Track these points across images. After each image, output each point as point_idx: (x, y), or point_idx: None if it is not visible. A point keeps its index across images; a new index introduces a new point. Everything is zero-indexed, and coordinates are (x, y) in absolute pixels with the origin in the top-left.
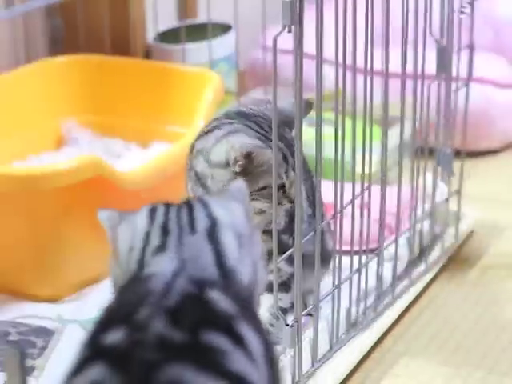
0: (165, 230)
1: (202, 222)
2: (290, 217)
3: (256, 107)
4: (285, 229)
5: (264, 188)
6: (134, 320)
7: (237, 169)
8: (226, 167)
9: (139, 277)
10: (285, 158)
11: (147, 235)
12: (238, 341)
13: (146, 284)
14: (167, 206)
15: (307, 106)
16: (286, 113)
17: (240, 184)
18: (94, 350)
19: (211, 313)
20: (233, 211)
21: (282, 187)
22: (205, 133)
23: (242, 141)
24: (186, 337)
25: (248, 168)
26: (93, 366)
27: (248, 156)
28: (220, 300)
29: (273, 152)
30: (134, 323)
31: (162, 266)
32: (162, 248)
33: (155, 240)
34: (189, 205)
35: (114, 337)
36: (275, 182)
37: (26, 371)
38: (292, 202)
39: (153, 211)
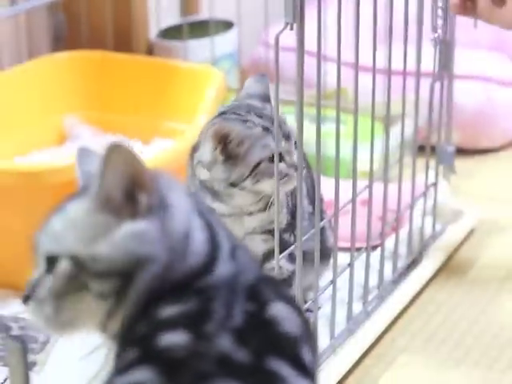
0: (221, 227)
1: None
2: (292, 215)
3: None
4: (286, 227)
5: (259, 164)
6: (201, 330)
7: (220, 156)
8: (216, 162)
9: (202, 283)
10: (266, 129)
11: (207, 225)
12: (303, 369)
13: (210, 297)
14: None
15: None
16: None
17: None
18: (145, 351)
19: (276, 337)
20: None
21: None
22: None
23: (213, 127)
24: (250, 359)
25: (231, 151)
26: (140, 368)
27: (219, 136)
28: (283, 318)
29: (275, 156)
30: (200, 333)
31: (226, 278)
32: (233, 253)
33: (224, 239)
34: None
35: (174, 339)
36: (277, 176)
37: (28, 366)
38: (297, 168)
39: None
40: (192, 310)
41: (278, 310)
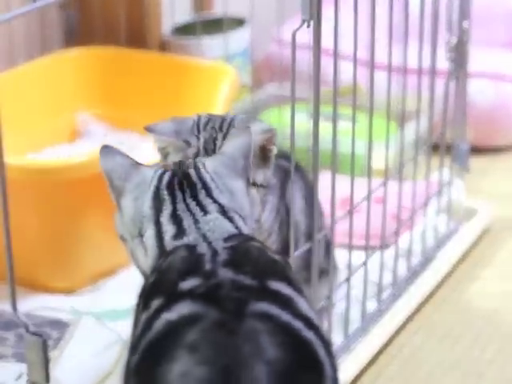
0: (175, 217)
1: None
2: (284, 242)
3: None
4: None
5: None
6: (203, 271)
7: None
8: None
9: (179, 247)
10: None
11: (157, 203)
12: (299, 290)
13: (193, 249)
14: (173, 175)
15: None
16: None
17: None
18: (174, 294)
19: (263, 263)
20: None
21: None
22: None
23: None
24: (255, 283)
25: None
26: (180, 303)
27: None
28: (264, 249)
29: (291, 163)
30: (205, 273)
31: (195, 239)
32: (180, 233)
33: (169, 225)
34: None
35: (192, 283)
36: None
37: (48, 360)
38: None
39: (161, 177)
40: (185, 257)
41: (257, 244)
